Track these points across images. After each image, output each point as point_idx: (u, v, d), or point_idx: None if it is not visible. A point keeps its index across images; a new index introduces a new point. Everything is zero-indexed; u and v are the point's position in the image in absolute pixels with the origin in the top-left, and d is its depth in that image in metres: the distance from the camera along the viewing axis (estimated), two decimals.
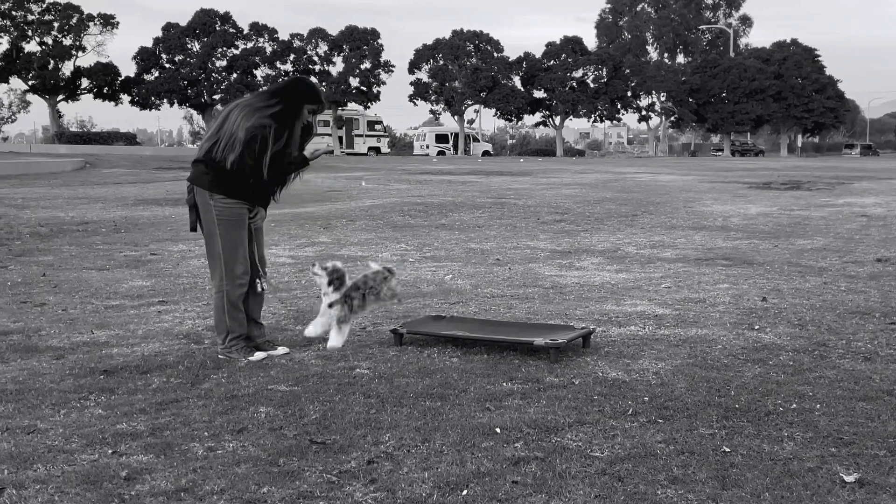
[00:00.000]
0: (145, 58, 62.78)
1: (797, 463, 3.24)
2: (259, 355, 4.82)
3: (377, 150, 60.30)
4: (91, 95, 62.54)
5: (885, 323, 5.72)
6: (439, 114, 71.02)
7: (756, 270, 8.19)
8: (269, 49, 64.43)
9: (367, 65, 64.34)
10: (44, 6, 59.95)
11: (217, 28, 63.58)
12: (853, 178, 23.10)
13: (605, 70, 67.73)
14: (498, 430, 3.58)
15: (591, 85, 68.25)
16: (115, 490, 3.00)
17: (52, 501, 2.92)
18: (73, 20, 60.44)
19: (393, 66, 65.42)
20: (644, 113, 70.54)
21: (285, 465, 3.22)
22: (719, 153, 72.41)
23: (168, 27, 63.41)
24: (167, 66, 63.36)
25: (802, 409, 3.87)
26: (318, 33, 64.86)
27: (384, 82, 65.23)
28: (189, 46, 63.58)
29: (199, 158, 4.82)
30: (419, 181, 22.56)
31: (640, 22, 76.42)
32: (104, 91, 62.33)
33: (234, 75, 63.51)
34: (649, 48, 76.02)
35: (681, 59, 77.42)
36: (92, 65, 61.66)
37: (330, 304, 4.75)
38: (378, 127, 62.10)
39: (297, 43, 64.65)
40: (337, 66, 65.09)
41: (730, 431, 3.58)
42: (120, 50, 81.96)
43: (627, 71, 67.40)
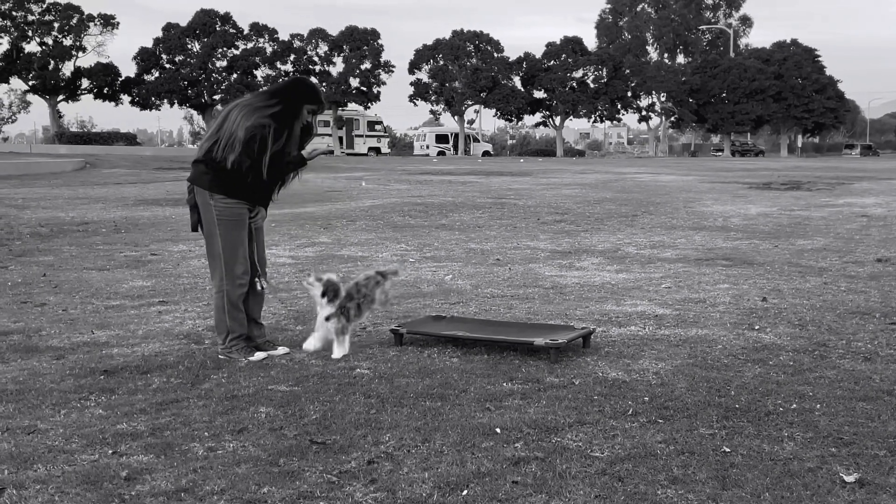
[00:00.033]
0: (145, 58, 62.82)
1: (797, 463, 3.24)
2: (259, 355, 4.82)
3: (377, 151, 60.32)
4: (91, 96, 62.64)
5: (885, 323, 5.72)
6: (439, 114, 71.10)
7: (756, 270, 8.19)
8: (269, 49, 64.48)
9: (367, 65, 64.38)
10: (44, 6, 60.00)
11: (217, 28, 63.62)
12: (853, 179, 23.10)
13: (605, 70, 67.75)
14: (498, 430, 3.58)
15: (592, 85, 68.28)
16: (116, 490, 3.00)
17: (53, 501, 2.92)
18: (74, 20, 60.49)
19: (393, 66, 65.49)
20: (644, 113, 70.56)
21: (285, 466, 3.22)
22: (719, 153, 72.42)
23: (168, 27, 63.45)
24: (167, 66, 63.39)
25: (802, 410, 3.87)
26: (318, 33, 64.90)
27: (384, 82, 65.33)
28: (189, 47, 63.61)
29: (200, 158, 4.82)
30: (419, 181, 22.56)
31: (641, 22, 76.44)
32: (104, 91, 62.38)
33: (235, 76, 63.55)
34: (649, 48, 76.04)
35: (681, 59, 77.46)
36: (92, 65, 61.74)
37: (327, 318, 4.76)
38: (378, 127, 62.11)
39: (297, 43, 64.69)
40: (337, 67, 65.19)
41: (730, 431, 3.58)
42: (120, 50, 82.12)
43: (627, 71, 67.41)
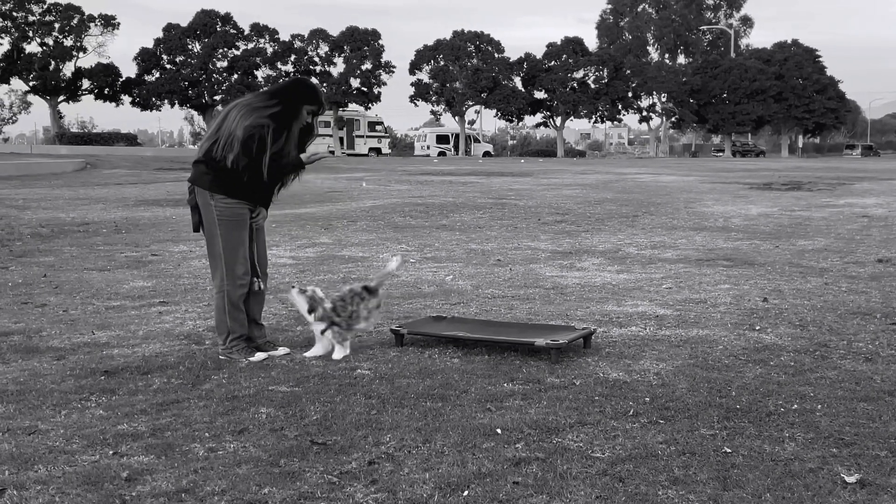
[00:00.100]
0: (146, 58, 62.85)
1: (798, 464, 3.23)
2: (260, 356, 4.82)
3: (378, 151, 60.33)
4: (92, 96, 62.67)
5: (886, 323, 5.71)
6: (440, 114, 71.10)
7: (757, 271, 8.18)
8: (269, 50, 64.51)
9: (367, 65, 64.40)
10: (45, 7, 60.04)
11: (218, 29, 63.65)
12: (854, 179, 23.09)
13: (605, 71, 67.74)
14: (499, 430, 3.58)
15: (592, 86, 68.27)
16: (116, 491, 3.00)
17: (53, 502, 2.92)
18: (74, 21, 60.53)
19: (394, 66, 65.50)
20: (645, 114, 70.56)
21: (286, 466, 3.22)
22: (720, 154, 72.42)
23: (169, 28, 63.48)
24: (168, 66, 63.42)
25: (804, 410, 3.86)
26: (318, 34, 64.93)
27: (385, 83, 65.34)
28: (190, 47, 63.64)
29: (200, 159, 4.81)
30: (420, 182, 22.56)
31: (641, 23, 76.46)
32: (105, 92, 62.40)
33: (235, 76, 63.59)
34: (650, 49, 76.04)
35: (682, 59, 77.49)
36: (93, 65, 61.76)
37: (322, 332, 4.81)
38: (379, 128, 62.12)
39: (297, 44, 64.73)
40: (338, 67, 65.23)
41: (731, 432, 3.58)
42: (121, 51, 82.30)
43: (628, 72, 67.40)
